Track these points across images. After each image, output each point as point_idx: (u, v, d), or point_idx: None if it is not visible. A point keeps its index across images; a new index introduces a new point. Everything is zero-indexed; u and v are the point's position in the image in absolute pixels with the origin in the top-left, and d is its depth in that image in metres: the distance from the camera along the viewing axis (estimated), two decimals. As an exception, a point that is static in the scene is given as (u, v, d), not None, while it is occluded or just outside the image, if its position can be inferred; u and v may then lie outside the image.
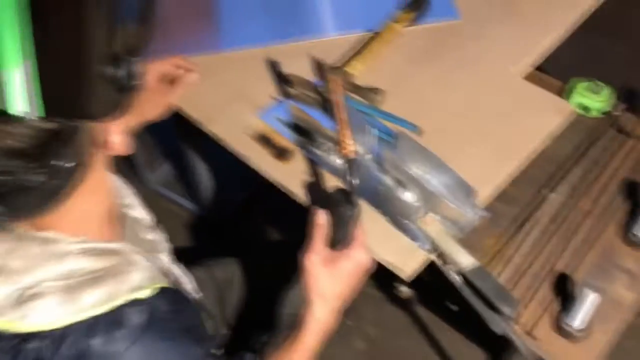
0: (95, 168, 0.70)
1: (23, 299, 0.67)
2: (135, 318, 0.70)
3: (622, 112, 1.34)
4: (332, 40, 1.39)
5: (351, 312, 1.85)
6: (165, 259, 0.92)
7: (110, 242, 0.75)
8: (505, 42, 1.37)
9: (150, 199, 2.14)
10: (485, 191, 1.11)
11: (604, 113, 1.35)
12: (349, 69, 1.26)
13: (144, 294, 0.72)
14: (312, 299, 0.91)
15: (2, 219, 0.66)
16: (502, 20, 1.42)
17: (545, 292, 1.12)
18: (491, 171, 1.14)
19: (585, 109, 1.36)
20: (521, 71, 1.33)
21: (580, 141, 1.34)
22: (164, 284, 0.76)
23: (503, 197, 1.26)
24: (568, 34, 1.43)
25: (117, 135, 0.70)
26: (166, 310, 0.73)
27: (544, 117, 1.23)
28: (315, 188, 1.11)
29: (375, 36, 1.34)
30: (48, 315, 0.67)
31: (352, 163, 0.88)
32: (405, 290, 1.07)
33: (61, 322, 0.67)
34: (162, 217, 0.76)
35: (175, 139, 1.82)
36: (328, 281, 0.91)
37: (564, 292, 1.11)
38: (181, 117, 1.29)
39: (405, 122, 1.18)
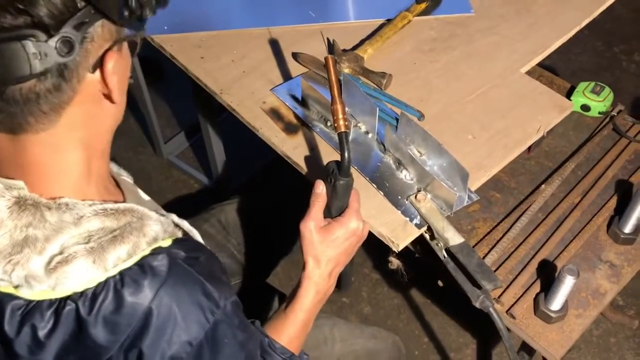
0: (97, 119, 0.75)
1: (52, 266, 0.72)
2: (158, 264, 0.75)
3: (619, 113, 1.39)
4: (351, 25, 1.44)
5: (349, 291, 1.92)
6: (173, 214, 0.98)
7: (118, 203, 0.79)
8: (515, 40, 1.41)
9: (162, 170, 2.23)
10: (479, 176, 1.16)
11: (604, 113, 1.40)
12: (360, 53, 1.32)
13: (163, 244, 0.77)
14: (307, 261, 0.98)
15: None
16: (513, 18, 1.46)
17: (528, 275, 1.18)
18: (487, 159, 1.19)
19: (587, 108, 1.41)
20: (527, 68, 1.38)
21: (578, 139, 1.40)
22: (178, 235, 0.82)
23: (500, 187, 1.33)
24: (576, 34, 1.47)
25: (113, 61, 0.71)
26: (185, 257, 0.78)
27: (544, 113, 1.27)
28: (317, 161, 1.17)
29: (387, 23, 1.40)
30: (79, 278, 0.72)
31: (343, 137, 0.93)
32: (394, 261, 1.13)
33: (92, 282, 0.72)
34: (173, 188, 0.80)
35: (193, 110, 1.89)
36: (322, 245, 0.97)
37: (546, 276, 1.17)
38: (200, 89, 1.35)
39: (409, 107, 1.24)
